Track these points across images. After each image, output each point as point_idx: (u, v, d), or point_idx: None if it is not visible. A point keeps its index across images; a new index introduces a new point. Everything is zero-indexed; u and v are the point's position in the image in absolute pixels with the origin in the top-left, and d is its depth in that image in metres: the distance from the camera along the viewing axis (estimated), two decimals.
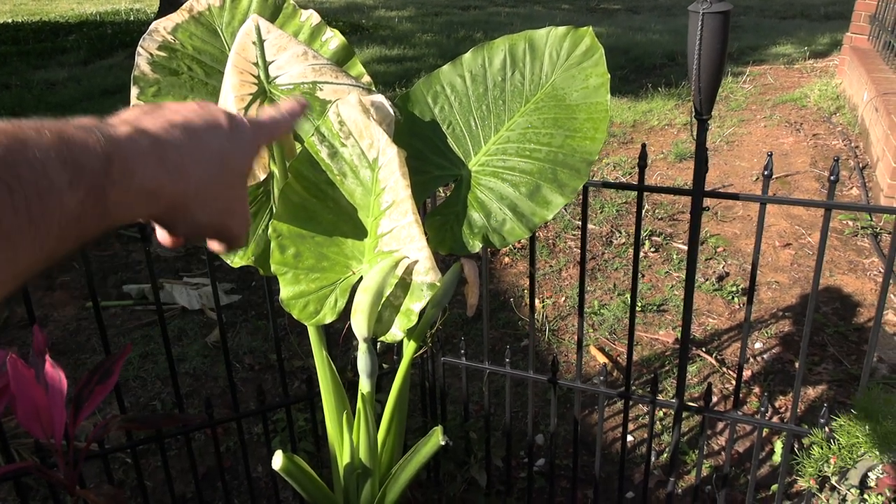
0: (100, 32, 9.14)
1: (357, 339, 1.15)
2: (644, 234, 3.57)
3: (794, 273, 3.25)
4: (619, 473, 1.81)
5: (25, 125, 0.42)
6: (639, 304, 3.01)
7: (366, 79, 1.32)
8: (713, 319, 2.93)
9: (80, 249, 0.46)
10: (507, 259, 3.43)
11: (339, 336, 2.61)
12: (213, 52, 1.27)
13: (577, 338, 1.70)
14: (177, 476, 2.16)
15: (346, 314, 1.14)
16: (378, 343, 1.39)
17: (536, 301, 3.08)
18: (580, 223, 3.50)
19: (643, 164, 1.50)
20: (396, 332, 1.15)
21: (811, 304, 1.48)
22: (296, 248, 1.17)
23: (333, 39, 1.32)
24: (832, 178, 1.41)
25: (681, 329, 1.62)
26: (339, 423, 1.37)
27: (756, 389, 2.51)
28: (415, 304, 1.12)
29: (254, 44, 1.17)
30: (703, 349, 2.73)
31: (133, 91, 1.19)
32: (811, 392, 2.48)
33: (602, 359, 2.69)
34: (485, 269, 1.68)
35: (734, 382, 2.53)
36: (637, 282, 1.61)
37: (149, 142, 0.48)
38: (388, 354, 1.90)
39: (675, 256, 3.39)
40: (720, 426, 2.36)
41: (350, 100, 1.12)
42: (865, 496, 1.26)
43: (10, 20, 10.62)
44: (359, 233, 1.17)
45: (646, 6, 11.75)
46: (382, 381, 1.86)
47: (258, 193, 1.27)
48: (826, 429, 1.43)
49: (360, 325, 1.10)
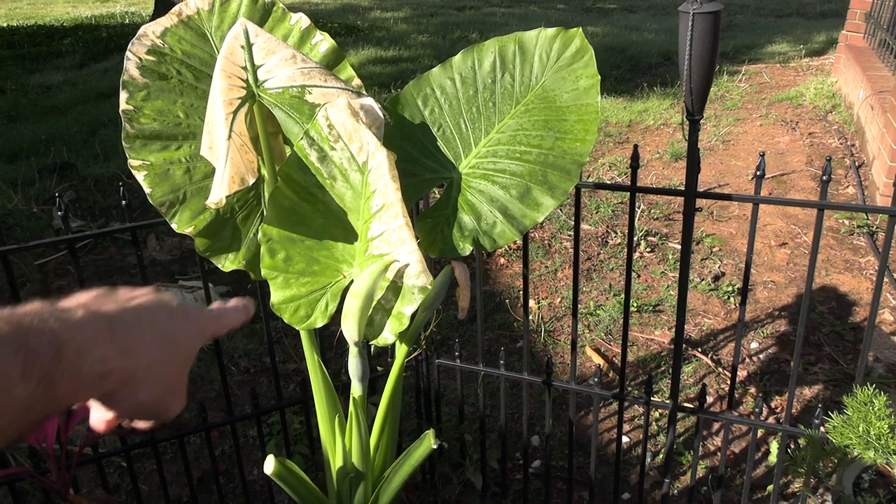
0: (95, 36, 9.13)
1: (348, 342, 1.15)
2: (640, 235, 3.56)
3: (790, 272, 3.25)
4: (615, 475, 1.81)
5: None
6: (634, 305, 3.01)
7: (356, 82, 1.31)
8: (709, 319, 2.92)
9: (20, 440, 0.47)
10: (503, 260, 3.42)
11: (334, 339, 2.61)
12: (203, 56, 1.27)
13: (572, 339, 1.70)
14: (172, 480, 2.16)
15: (339, 318, 1.14)
16: (372, 346, 1.39)
17: (532, 302, 3.08)
18: None
19: (635, 166, 1.50)
20: (388, 336, 1.15)
21: (805, 304, 1.47)
22: (286, 252, 1.16)
23: (323, 43, 1.32)
24: (825, 178, 1.41)
25: (675, 329, 1.62)
26: (332, 427, 1.37)
27: (752, 390, 2.51)
28: (406, 308, 1.12)
29: (242, 48, 1.16)
30: (699, 349, 2.73)
31: (122, 95, 1.19)
32: (807, 392, 2.48)
33: (598, 360, 2.69)
34: (479, 271, 1.68)
35: (729, 383, 2.52)
36: (631, 283, 1.60)
37: (101, 323, 0.49)
38: (383, 357, 1.90)
39: (671, 256, 3.39)
40: (715, 427, 2.35)
41: (339, 103, 1.12)
42: (859, 498, 1.26)
43: (6, 24, 10.61)
44: (349, 236, 1.16)
45: (641, 5, 11.76)
46: (377, 384, 1.86)
47: (249, 197, 1.27)
48: (820, 430, 1.43)
49: (351, 329, 1.10)
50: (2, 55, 8.12)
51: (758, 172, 1.44)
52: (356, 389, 1.23)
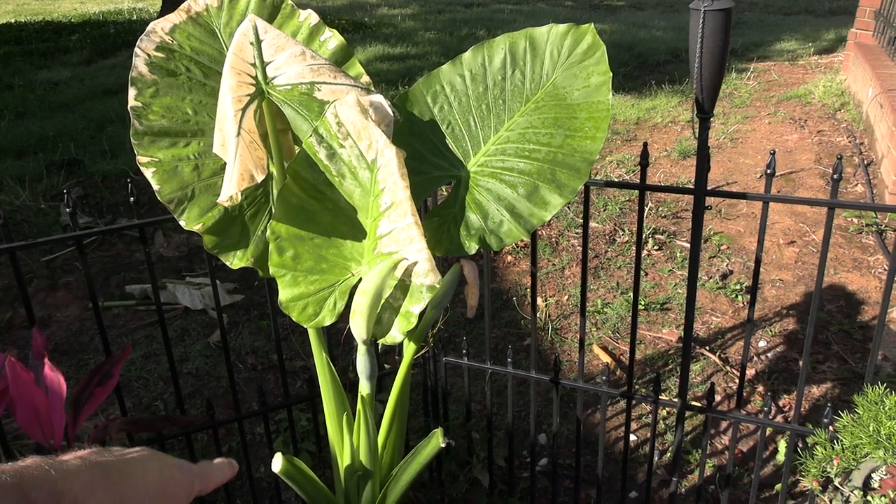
0: (102, 32, 9.15)
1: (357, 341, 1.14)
2: (647, 232, 3.55)
3: (799, 271, 3.23)
4: (622, 473, 1.81)
5: None
6: (642, 303, 3.00)
7: (364, 79, 1.31)
8: (717, 318, 2.91)
9: None
10: (510, 258, 3.42)
11: (341, 336, 2.61)
12: (211, 53, 1.26)
13: (580, 337, 1.70)
14: None
15: (346, 315, 1.14)
16: (379, 344, 1.39)
17: (539, 300, 3.07)
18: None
19: (645, 164, 1.49)
20: (396, 335, 1.15)
21: (815, 303, 1.47)
22: (294, 250, 1.16)
23: (332, 39, 1.32)
24: (836, 177, 1.40)
25: (684, 327, 1.61)
26: (340, 425, 1.37)
27: (760, 388, 2.50)
28: (414, 306, 1.12)
29: (251, 44, 1.16)
30: (707, 348, 2.72)
31: (131, 92, 1.19)
32: (815, 391, 2.47)
33: (605, 358, 2.68)
34: (486, 269, 1.67)
35: (738, 381, 2.52)
36: (639, 281, 1.60)
37: (97, 471, 0.53)
38: (391, 354, 1.90)
39: (679, 254, 3.38)
40: (723, 425, 2.35)
41: (348, 100, 1.11)
42: (869, 497, 1.25)
43: (14, 20, 10.64)
44: (358, 234, 1.16)
45: (649, 2, 11.72)
46: (384, 382, 1.86)
47: (257, 195, 1.27)
48: (829, 429, 1.42)
49: (360, 328, 1.09)
50: (10, 51, 8.14)
51: (768, 171, 1.43)
52: (364, 388, 1.22)
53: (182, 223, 1.20)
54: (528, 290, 3.13)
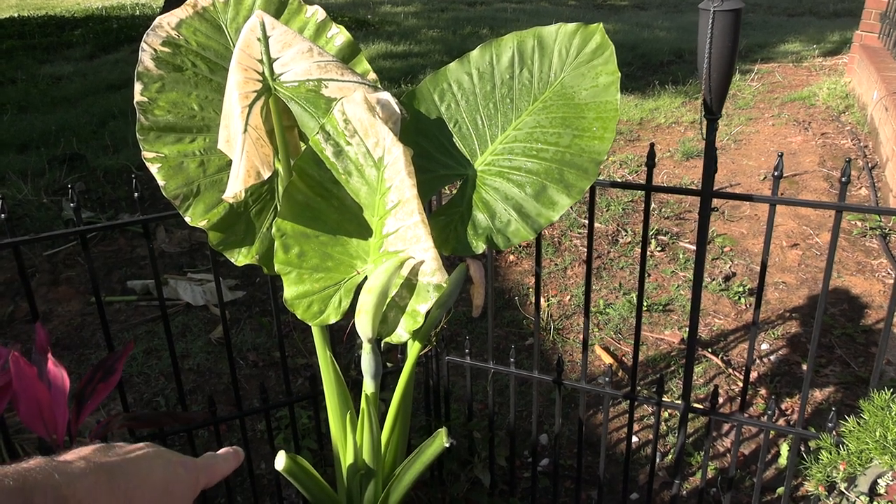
0: (105, 27, 9.14)
1: (361, 339, 1.14)
2: (650, 233, 3.55)
3: (802, 274, 3.23)
4: (624, 475, 1.80)
5: None
6: (645, 304, 2.99)
7: (371, 76, 1.30)
8: (719, 320, 2.91)
9: None
10: (513, 257, 3.41)
11: (344, 334, 2.60)
12: (218, 49, 1.26)
13: (583, 338, 1.69)
14: None
15: (351, 313, 1.13)
16: (382, 342, 1.38)
17: (542, 300, 3.07)
18: (586, 221, 3.49)
19: (651, 164, 1.48)
20: (402, 333, 1.14)
21: (820, 306, 1.46)
22: (300, 248, 1.15)
23: (339, 36, 1.31)
24: (843, 180, 1.39)
25: (687, 329, 1.61)
26: (343, 424, 1.36)
27: (763, 391, 2.49)
28: (420, 306, 1.11)
29: (258, 40, 1.15)
30: (709, 350, 2.71)
31: (137, 87, 1.18)
32: (818, 394, 2.46)
33: (607, 359, 2.68)
34: (490, 268, 1.66)
35: (740, 384, 2.51)
36: (644, 283, 1.59)
37: (101, 474, 0.52)
38: (393, 353, 1.89)
39: (682, 256, 3.37)
40: (726, 428, 2.34)
41: (355, 98, 1.10)
42: (875, 503, 1.24)
43: (16, 14, 10.63)
44: (364, 232, 1.15)
45: (653, 2, 11.70)
46: (387, 380, 1.85)
47: (263, 191, 1.26)
48: (834, 433, 1.41)
49: (365, 326, 1.09)
50: (13, 45, 8.13)
51: (775, 173, 1.42)
52: (368, 386, 1.22)
53: (187, 219, 1.19)
54: (531, 290, 3.12)
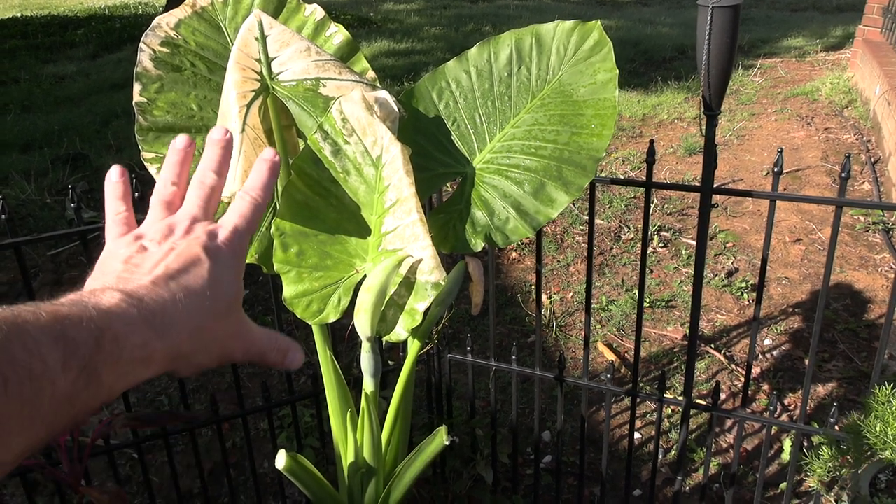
0: (108, 26, 9.15)
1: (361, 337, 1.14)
2: (653, 230, 3.54)
3: (805, 269, 3.22)
4: (626, 471, 1.80)
5: (23, 309, 0.42)
6: (647, 301, 2.99)
7: (370, 74, 1.30)
8: (722, 315, 2.90)
9: (74, 427, 0.46)
10: (515, 254, 3.41)
11: (345, 333, 2.60)
12: (217, 48, 1.26)
13: (584, 335, 1.69)
14: (183, 472, 2.16)
15: (352, 311, 1.13)
16: (383, 341, 1.38)
17: (544, 297, 3.07)
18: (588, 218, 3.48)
19: (651, 161, 1.48)
20: (401, 332, 1.14)
21: (821, 301, 1.46)
22: (299, 247, 1.16)
23: (337, 35, 1.31)
24: (844, 175, 1.39)
25: (689, 325, 1.61)
26: (343, 422, 1.36)
27: (765, 387, 2.49)
28: (419, 304, 1.11)
29: (256, 39, 1.15)
30: (712, 346, 2.71)
31: (136, 87, 1.18)
32: (821, 390, 2.46)
33: (609, 355, 2.68)
34: (491, 265, 1.67)
35: (743, 380, 2.51)
36: (645, 279, 1.59)
37: (136, 307, 0.47)
38: (394, 351, 1.90)
39: (684, 252, 3.37)
40: (728, 424, 2.34)
41: (353, 96, 1.10)
42: (875, 499, 1.24)
43: (20, 14, 10.65)
44: (362, 231, 1.15)
45: None
46: (388, 378, 1.86)
47: None
48: (836, 428, 1.41)
49: (364, 325, 1.09)
50: (16, 45, 8.15)
51: (775, 169, 1.42)
52: (368, 385, 1.22)
53: None
54: (533, 287, 3.12)
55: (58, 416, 0.42)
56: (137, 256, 0.53)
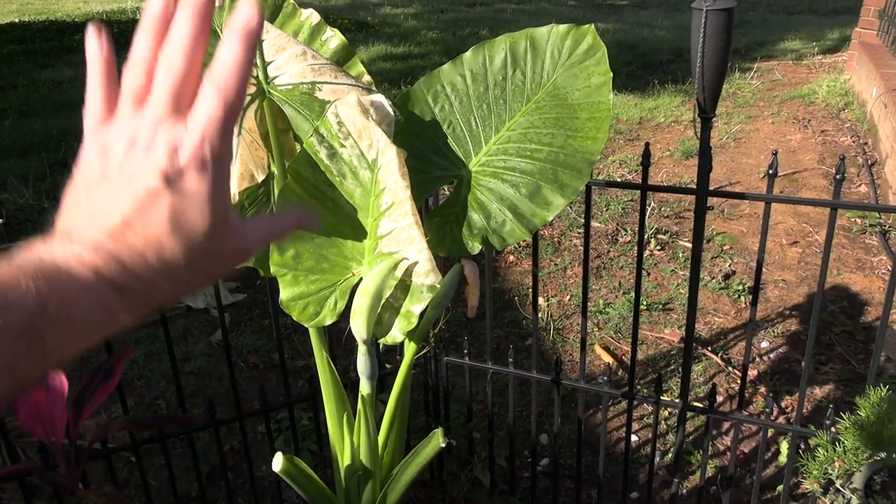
0: (106, 31, 9.15)
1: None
2: (650, 232, 3.55)
3: (802, 271, 3.23)
4: (624, 474, 1.80)
5: None
6: (644, 303, 3.00)
7: (366, 78, 1.31)
8: (719, 318, 2.91)
9: (20, 393, 0.41)
10: (512, 257, 3.42)
11: (342, 336, 2.61)
12: (213, 53, 1.26)
13: (581, 338, 1.69)
14: (180, 475, 2.16)
15: (348, 315, 1.14)
16: (381, 343, 1.39)
17: (541, 300, 3.07)
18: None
19: (646, 164, 1.49)
20: (396, 334, 1.15)
21: (817, 304, 1.46)
22: (295, 250, 1.16)
23: (333, 39, 1.32)
24: (838, 177, 1.40)
25: (685, 328, 1.61)
26: (340, 425, 1.37)
27: (762, 389, 2.49)
28: (415, 306, 1.12)
29: None
30: (709, 348, 2.72)
31: None
32: (818, 392, 2.46)
33: (607, 358, 2.68)
34: (488, 268, 1.67)
35: (740, 382, 2.51)
36: (641, 282, 1.60)
37: (90, 268, 0.42)
38: (392, 354, 1.90)
39: (681, 255, 3.38)
40: (725, 426, 2.34)
41: (349, 100, 1.11)
42: (870, 500, 1.25)
43: (17, 19, 10.66)
44: (358, 234, 1.16)
45: (653, 1, 11.70)
46: (386, 381, 1.86)
47: (258, 194, 1.27)
48: (831, 430, 1.42)
49: (360, 327, 1.09)
50: (14, 50, 8.16)
51: (770, 171, 1.43)
52: (364, 388, 1.22)
53: None
54: (530, 290, 3.13)
55: None
56: (100, 188, 0.44)
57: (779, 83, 6.18)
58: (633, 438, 2.31)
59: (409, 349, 1.28)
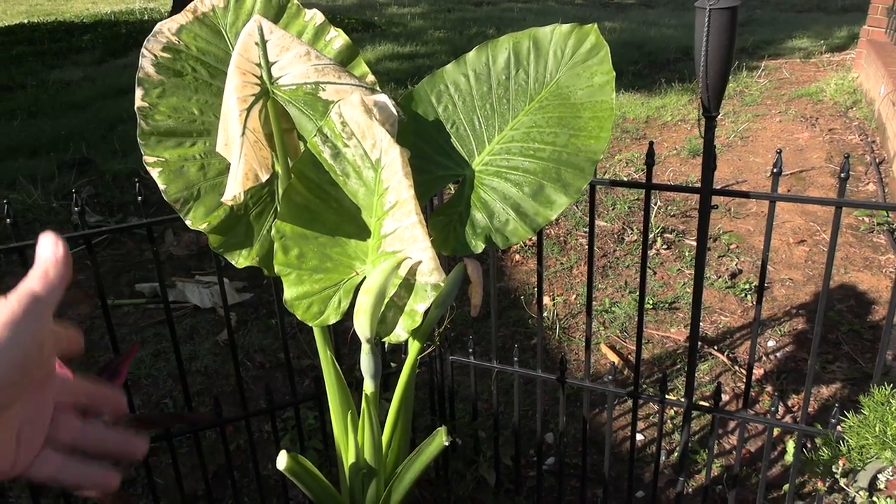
0: (114, 32, 9.20)
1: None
2: (656, 231, 3.54)
3: (809, 270, 3.22)
4: (629, 473, 1.80)
5: None
6: (650, 302, 2.99)
7: (370, 78, 1.31)
8: (725, 317, 2.90)
9: None
10: (518, 256, 3.42)
11: (348, 335, 2.62)
12: (218, 53, 1.27)
13: (586, 336, 1.70)
14: (187, 474, 2.18)
15: (352, 314, 1.14)
16: (385, 342, 1.39)
17: (547, 299, 3.07)
18: None
19: (650, 163, 1.49)
20: (400, 333, 1.15)
21: (822, 302, 1.46)
22: (299, 249, 1.17)
23: (337, 39, 1.32)
24: (843, 175, 1.39)
25: (690, 326, 1.61)
26: (344, 424, 1.37)
27: (768, 388, 2.49)
28: (419, 305, 1.12)
29: (256, 44, 1.16)
30: (715, 347, 2.71)
31: (138, 92, 1.20)
32: (825, 391, 2.45)
33: (613, 357, 2.68)
34: (493, 268, 1.67)
35: (745, 381, 2.50)
36: (646, 281, 1.59)
37: None
38: (397, 353, 1.90)
39: (688, 254, 3.37)
40: (731, 425, 2.34)
41: (353, 100, 1.11)
42: (874, 498, 1.24)
43: (26, 20, 10.71)
44: (362, 233, 1.16)
45: (660, 0, 11.67)
46: (390, 380, 1.86)
47: (262, 194, 1.28)
48: (837, 429, 1.41)
49: (363, 326, 1.10)
50: (22, 51, 8.20)
51: (775, 170, 1.43)
52: (368, 386, 1.23)
53: (188, 222, 1.21)
54: (536, 289, 3.13)
55: None
56: None
57: (786, 81, 6.15)
58: (639, 437, 2.31)
59: (414, 348, 1.29)
